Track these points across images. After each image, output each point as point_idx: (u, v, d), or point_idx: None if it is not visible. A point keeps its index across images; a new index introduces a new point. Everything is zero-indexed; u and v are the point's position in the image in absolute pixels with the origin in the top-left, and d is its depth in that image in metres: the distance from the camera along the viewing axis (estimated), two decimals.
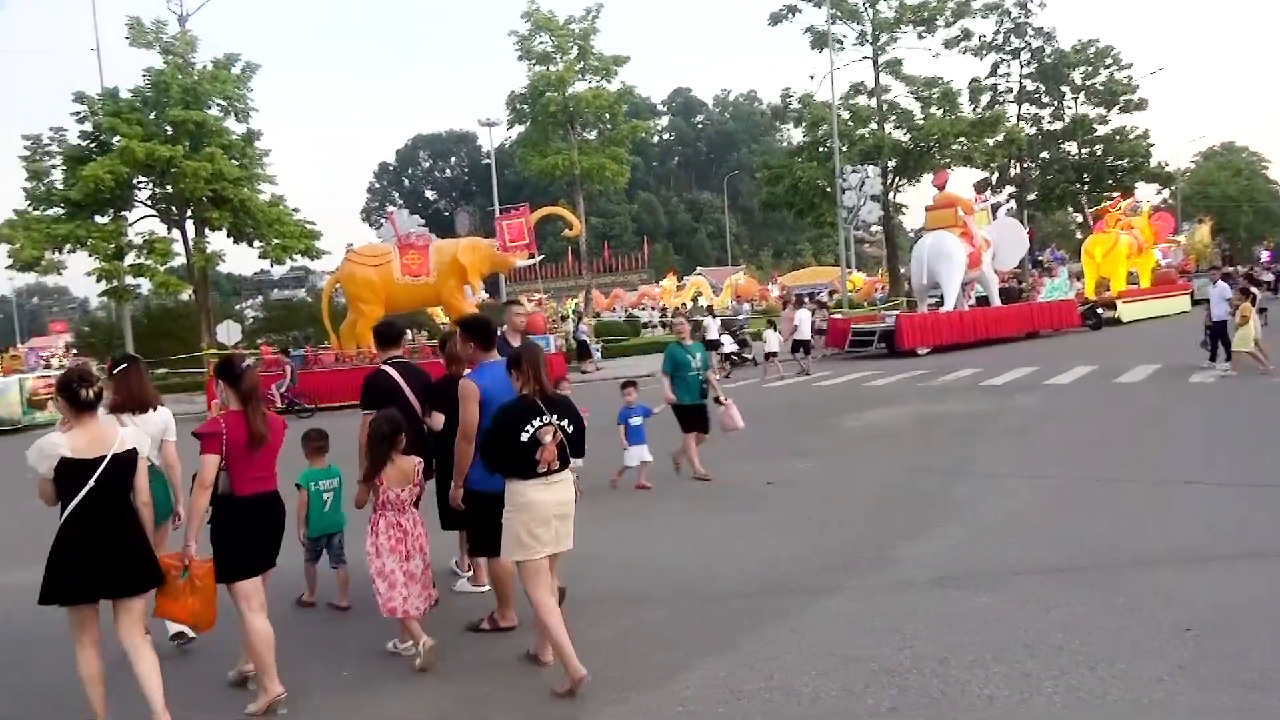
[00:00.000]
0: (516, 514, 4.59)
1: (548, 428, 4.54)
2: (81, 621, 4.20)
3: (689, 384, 9.38)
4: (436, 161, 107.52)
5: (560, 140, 34.71)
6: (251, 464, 4.54)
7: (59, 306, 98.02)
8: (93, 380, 4.29)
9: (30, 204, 30.65)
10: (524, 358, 4.72)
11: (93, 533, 4.13)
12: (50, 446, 4.11)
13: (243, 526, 4.53)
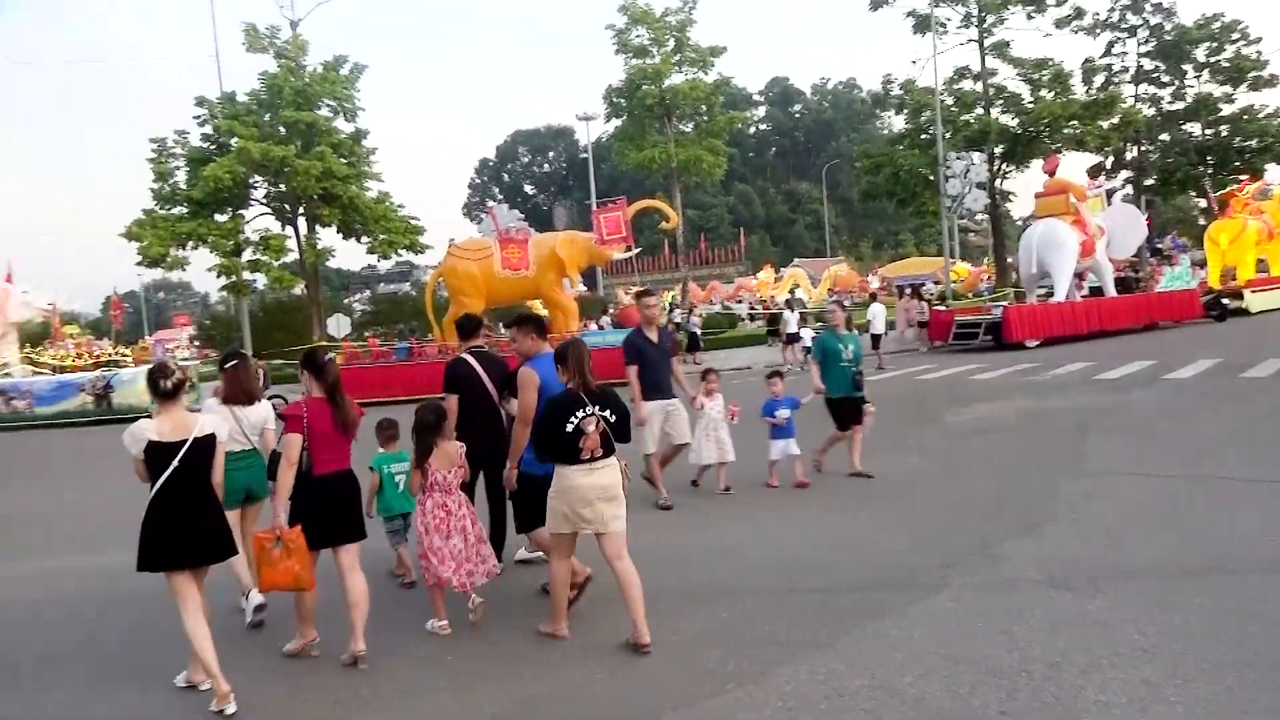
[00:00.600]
0: (560, 495, 4.99)
1: (590, 418, 4.92)
2: (178, 589, 4.60)
3: (840, 376, 8.97)
4: (535, 156, 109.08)
5: (657, 133, 34.76)
6: (329, 446, 4.99)
7: (182, 301, 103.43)
8: (171, 373, 4.71)
9: (156, 204, 32.39)
10: (569, 353, 5.12)
11: (176, 508, 4.56)
12: (140, 431, 4.57)
13: (319, 502, 4.96)
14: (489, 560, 5.56)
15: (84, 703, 4.89)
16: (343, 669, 4.92)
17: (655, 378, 8.25)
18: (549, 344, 5.99)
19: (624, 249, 24.70)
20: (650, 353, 8.27)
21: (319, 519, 4.95)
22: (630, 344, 8.48)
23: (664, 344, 8.47)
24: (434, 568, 5.33)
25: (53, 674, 5.28)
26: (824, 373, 9.04)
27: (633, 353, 8.32)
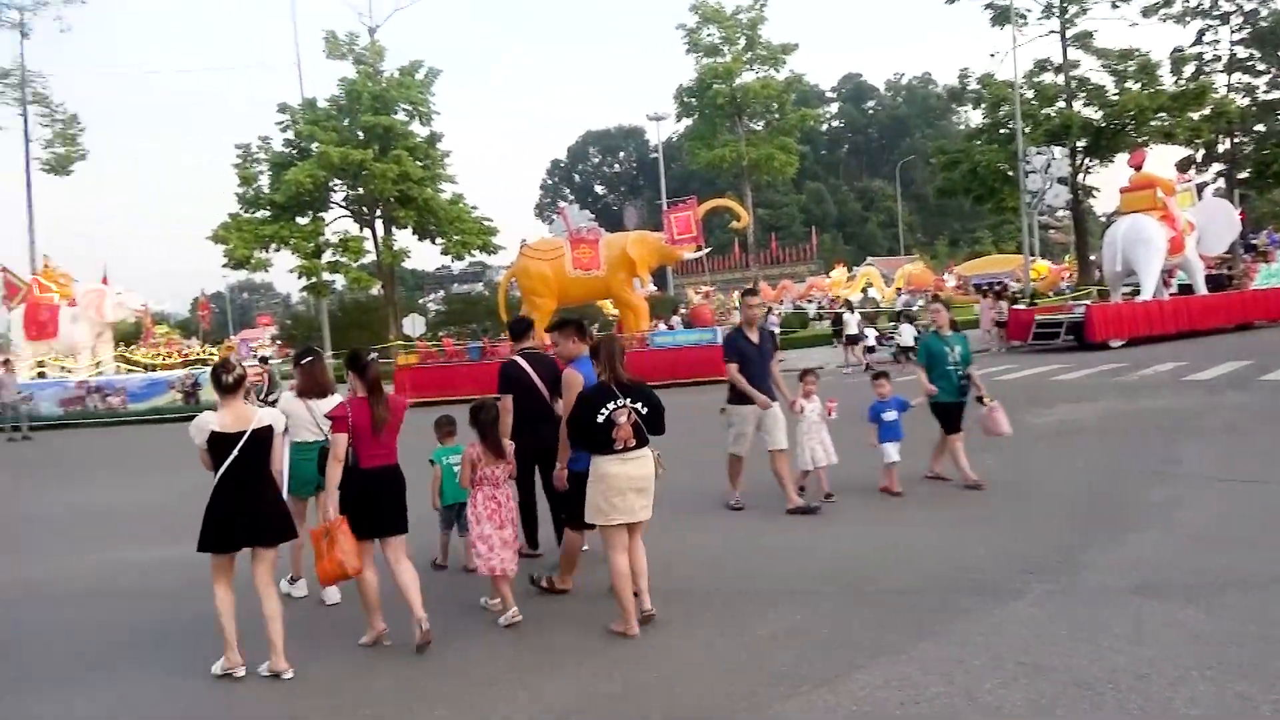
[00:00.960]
0: (596, 484, 5.27)
1: (622, 410, 5.17)
2: (220, 566, 5.02)
3: (946, 379, 8.52)
4: (606, 157, 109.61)
5: (728, 132, 34.65)
6: (373, 442, 5.24)
7: (265, 301, 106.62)
8: (232, 368, 5.09)
9: (241, 207, 33.51)
10: (601, 349, 5.44)
11: (237, 494, 4.92)
12: (203, 423, 4.98)
13: (364, 494, 5.22)
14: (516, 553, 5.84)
15: (170, 683, 5.08)
16: (412, 661, 5.02)
17: (755, 379, 8.01)
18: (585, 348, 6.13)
19: (694, 248, 24.67)
20: (750, 353, 8.07)
21: (364, 511, 5.20)
22: (730, 343, 8.33)
23: (765, 344, 8.23)
24: (486, 555, 5.56)
25: (137, 655, 5.50)
26: (930, 376, 8.61)
27: (733, 352, 8.18)
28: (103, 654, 5.66)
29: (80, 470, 15.56)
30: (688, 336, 23.06)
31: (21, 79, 39.71)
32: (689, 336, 23.03)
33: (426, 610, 5.18)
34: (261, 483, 5.03)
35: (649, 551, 5.50)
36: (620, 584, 5.23)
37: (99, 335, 26.41)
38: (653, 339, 23.01)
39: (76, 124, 41.40)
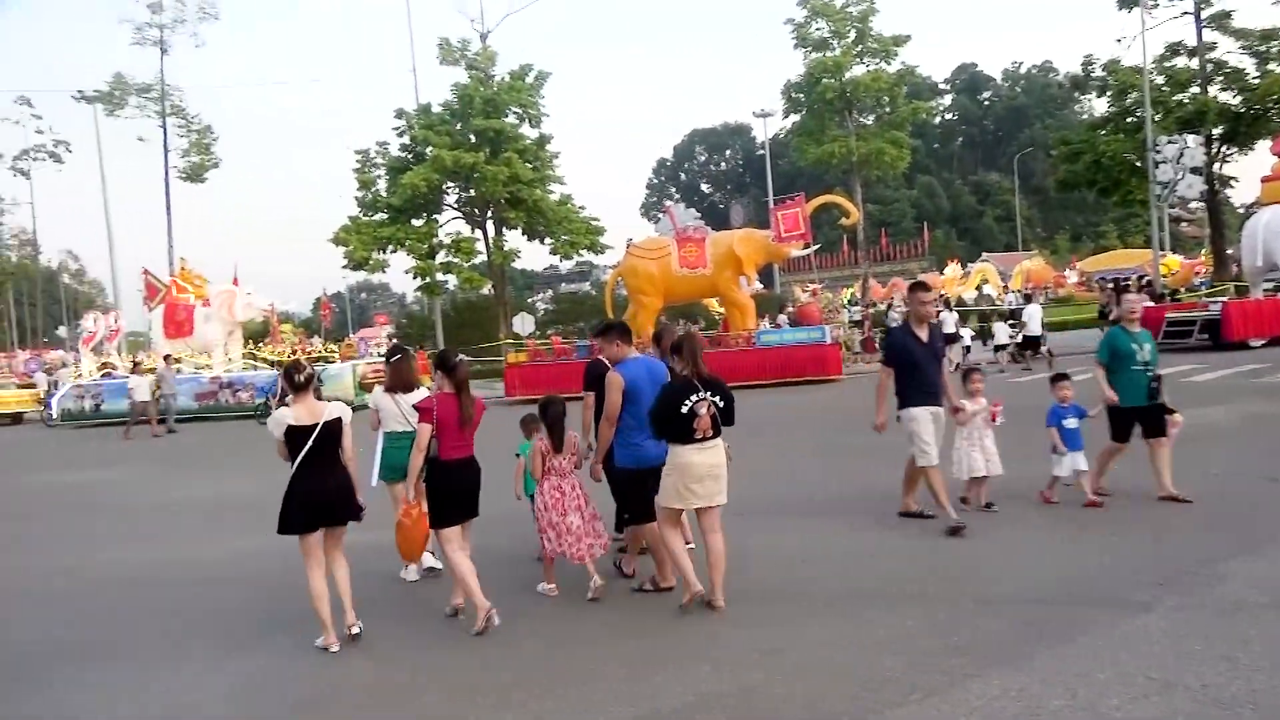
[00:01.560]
0: (675, 471, 5.58)
1: (702, 402, 5.50)
2: (309, 549, 5.45)
3: (1133, 381, 7.52)
4: (712, 155, 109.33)
5: (837, 127, 34.01)
6: (455, 436, 5.63)
7: (381, 301, 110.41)
8: (303, 369, 5.62)
9: (360, 210, 34.79)
10: (684, 346, 5.77)
11: (312, 480, 5.39)
12: (281, 417, 5.44)
13: (445, 484, 5.64)
14: (603, 536, 6.27)
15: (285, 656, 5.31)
16: (519, 652, 5.10)
17: (925, 381, 7.30)
18: (635, 349, 6.49)
19: (802, 246, 24.34)
20: (919, 352, 7.36)
21: (443, 498, 5.63)
22: (895, 343, 7.63)
23: (935, 343, 7.52)
24: (551, 541, 6.08)
25: (273, 629, 5.78)
26: (1112, 377, 7.62)
27: (897, 352, 7.47)
28: (247, 630, 5.96)
29: (221, 461, 16.48)
30: (795, 335, 22.77)
31: (161, 93, 42.29)
32: (796, 335, 22.73)
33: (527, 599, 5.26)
34: (333, 469, 5.52)
35: (754, 548, 5.45)
36: (681, 559, 5.61)
37: (230, 334, 27.81)
38: (759, 337, 22.82)
39: (210, 134, 43.88)
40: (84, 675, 5.41)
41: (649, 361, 6.39)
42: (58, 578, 8.02)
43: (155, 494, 12.73)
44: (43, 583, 7.89)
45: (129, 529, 10.19)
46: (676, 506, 5.66)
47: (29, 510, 12.13)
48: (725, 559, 5.64)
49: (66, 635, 6.26)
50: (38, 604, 7.21)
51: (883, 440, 7.82)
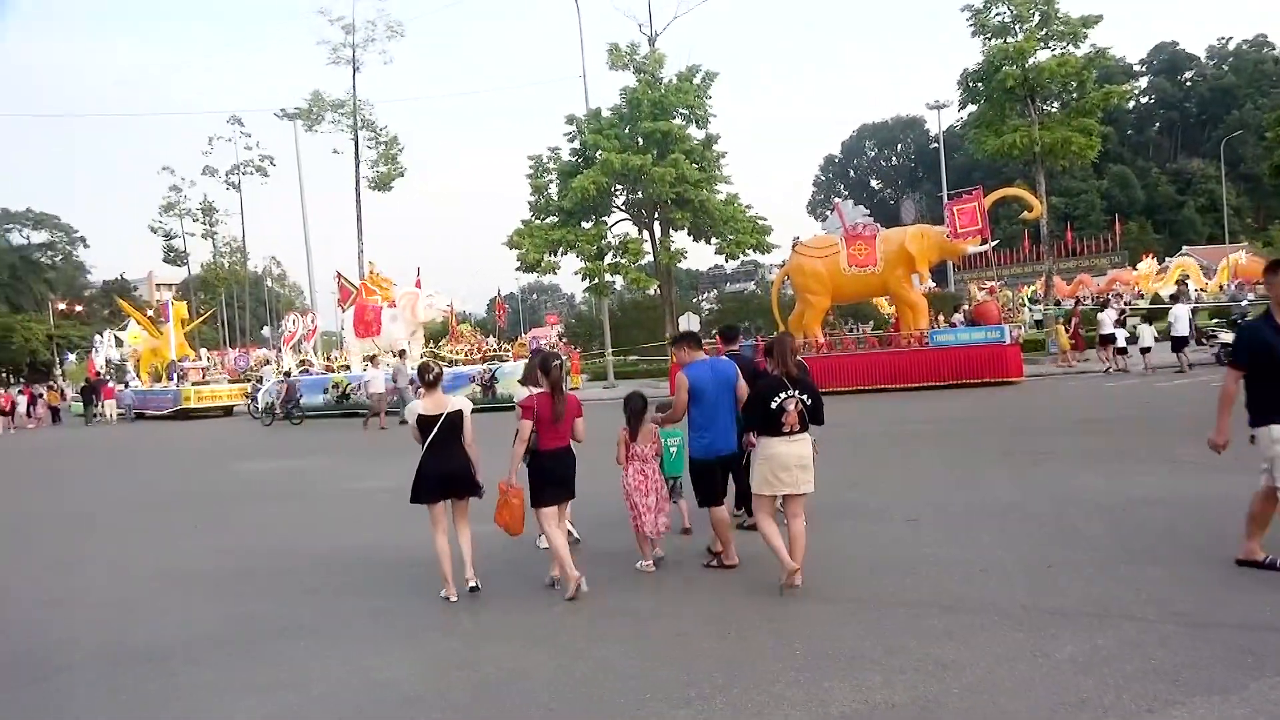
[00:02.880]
0: (765, 461, 6.16)
1: (790, 399, 6.06)
2: (435, 517, 6.62)
3: None
4: (882, 150, 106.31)
5: (1018, 116, 32.30)
6: (551, 429, 6.45)
7: (551, 302, 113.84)
8: (432, 369, 6.80)
9: (533, 214, 35.95)
10: (775, 348, 6.33)
11: (436, 460, 6.53)
12: (413, 408, 6.73)
13: (542, 470, 6.48)
14: (670, 517, 7.25)
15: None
16: (689, 645, 5.12)
17: None
18: (704, 353, 7.12)
19: (979, 242, 23.28)
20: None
21: (541, 482, 6.49)
22: (1252, 339, 5.93)
23: None
24: (639, 519, 6.89)
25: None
26: None
27: (1255, 351, 5.85)
28: (439, 612, 6.30)
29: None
30: (971, 335, 21.80)
31: (354, 108, 45.18)
32: (973, 335, 21.76)
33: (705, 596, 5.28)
34: (455, 451, 6.58)
35: (930, 556, 5.23)
36: (774, 540, 6.10)
37: (413, 333, 29.39)
38: (932, 337, 22.00)
39: (396, 145, 46.51)
40: (288, 650, 5.85)
41: (713, 362, 7.00)
42: (261, 558, 8.72)
43: (355, 480, 13.59)
44: (248, 562, 8.60)
45: (329, 513, 10.94)
46: (766, 493, 6.23)
47: (238, 494, 13.24)
48: (804, 544, 6.18)
49: (273, 611, 6.79)
50: (243, 582, 7.85)
51: (1070, 445, 7.41)
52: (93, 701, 5.19)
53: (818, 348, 22.99)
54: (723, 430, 6.73)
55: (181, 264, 66.81)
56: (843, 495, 9.37)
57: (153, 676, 5.49)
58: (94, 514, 12.39)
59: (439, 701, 4.74)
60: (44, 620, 7.03)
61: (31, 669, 5.82)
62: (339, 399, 28.91)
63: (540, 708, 4.56)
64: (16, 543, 10.62)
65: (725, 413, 6.76)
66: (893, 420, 16.09)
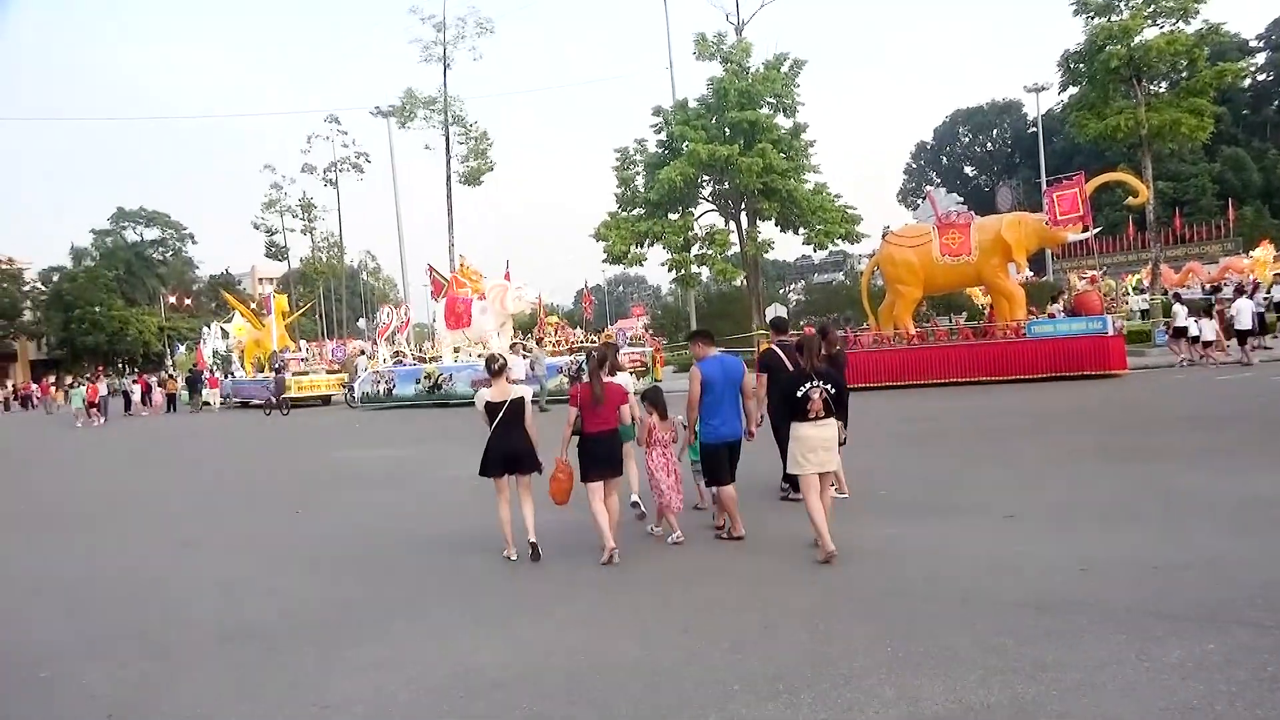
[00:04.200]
0: (795, 443, 6.97)
1: (815, 389, 6.86)
2: (499, 487, 7.68)
3: None
4: (977, 136, 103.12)
5: (1123, 97, 30.97)
6: (594, 414, 7.38)
7: (637, 293, 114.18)
8: (498, 360, 7.91)
9: (619, 207, 36.10)
10: (804, 346, 7.27)
11: (501, 441, 7.53)
12: (481, 396, 7.77)
13: (586, 450, 7.40)
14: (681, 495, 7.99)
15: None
16: (783, 644, 5.09)
17: None
18: (716, 349, 7.96)
19: (1081, 229, 22.41)
20: None
21: (586, 460, 7.39)
22: None
23: None
24: (663, 496, 7.75)
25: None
26: None
27: None
28: (532, 598, 6.43)
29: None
30: (1071, 326, 21.03)
31: (445, 105, 46.09)
32: (1073, 326, 20.99)
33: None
34: (517, 433, 7.52)
35: (1028, 553, 5.06)
36: (817, 519, 6.80)
37: (502, 325, 29.86)
38: (1030, 328, 21.31)
39: (486, 140, 47.28)
40: (385, 631, 6.04)
41: (723, 359, 7.85)
42: (359, 542, 9.01)
43: (449, 468, 13.89)
44: (347, 546, 8.90)
45: (425, 500, 11.23)
46: (799, 472, 6.98)
47: (337, 481, 13.69)
48: (832, 513, 7.09)
49: (371, 593, 7.02)
50: (343, 565, 8.13)
51: (1178, 441, 7.13)
52: (208, 676, 5.45)
53: (909, 339, 22.51)
54: (729, 418, 7.66)
55: (282, 259, 69.37)
56: (936, 490, 9.18)
57: (260, 653, 5.74)
58: (206, 498, 13.00)
59: (529, 687, 4.83)
60: (163, 597, 7.41)
61: (152, 643, 6.15)
62: (430, 389, 29.58)
63: (628, 698, 4.59)
64: (143, 523, 11.21)
65: (731, 403, 7.72)
66: (988, 413, 15.66)
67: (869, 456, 11.87)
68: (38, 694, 5.40)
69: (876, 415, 16.98)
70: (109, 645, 6.18)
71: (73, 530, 10.99)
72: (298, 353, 42.20)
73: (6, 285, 71.49)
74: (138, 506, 12.70)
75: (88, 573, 8.55)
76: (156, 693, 5.24)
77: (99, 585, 8.00)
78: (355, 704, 4.81)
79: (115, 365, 70.12)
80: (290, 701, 4.93)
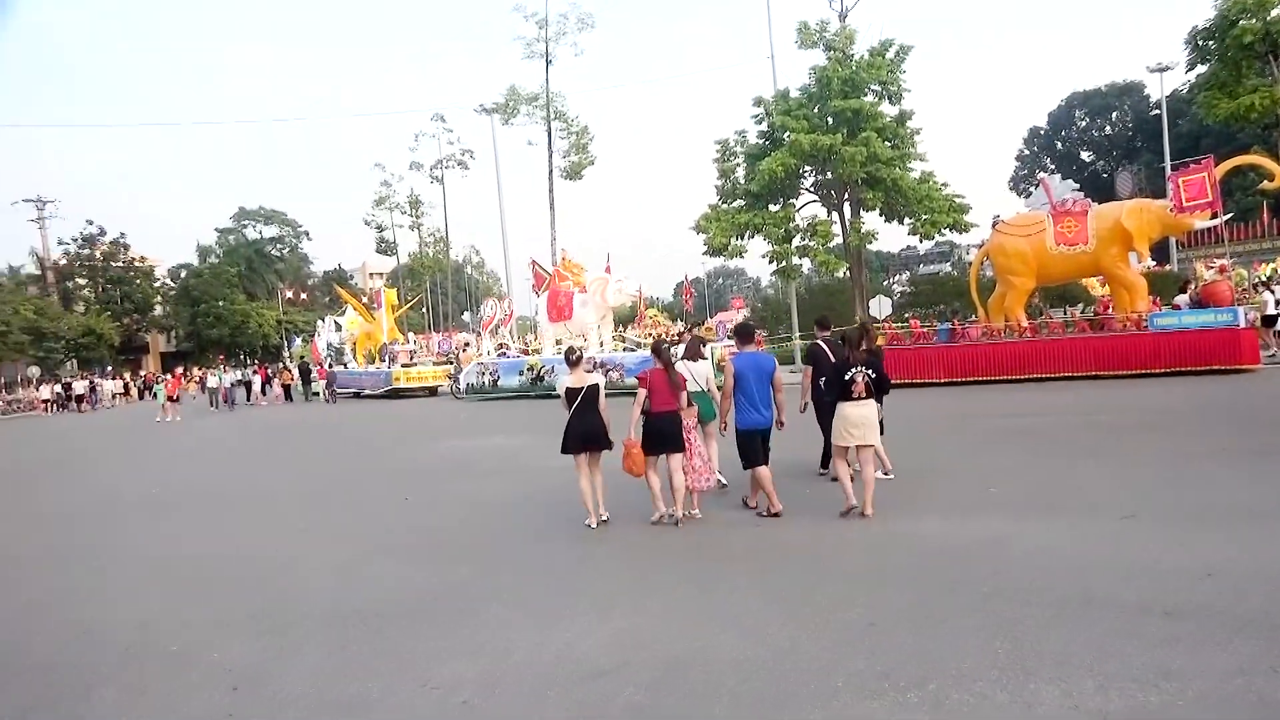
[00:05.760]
0: (839, 420, 8.23)
1: (859, 373, 8.11)
2: (579, 464, 8.64)
3: None
4: (1094, 119, 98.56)
5: (1256, 75, 29.16)
6: (660, 396, 8.34)
7: (737, 285, 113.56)
8: (575, 352, 9.03)
9: (720, 199, 35.91)
10: (846, 339, 8.72)
11: (579, 422, 8.51)
12: (562, 383, 8.79)
13: (651, 428, 8.38)
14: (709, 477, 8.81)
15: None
16: (890, 642, 4.99)
17: None
18: (754, 346, 8.88)
19: (1209, 216, 21.17)
20: None
21: (654, 437, 8.38)
22: None
23: None
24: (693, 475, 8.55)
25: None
26: None
27: None
28: (628, 588, 6.49)
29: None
30: (1198, 318, 19.92)
31: (547, 100, 46.71)
32: (1200, 318, 19.87)
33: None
34: (593, 415, 8.48)
35: (1151, 557, 4.81)
36: (844, 480, 8.21)
37: (603, 317, 30.12)
38: (1152, 320, 20.28)
39: (587, 134, 47.73)
40: (491, 616, 6.18)
41: (757, 355, 8.68)
42: (466, 530, 9.25)
43: (554, 458, 14.11)
44: (454, 533, 9.14)
45: (531, 489, 11.43)
46: (841, 444, 8.22)
47: (445, 470, 14.06)
48: (872, 487, 8.10)
49: (477, 580, 7.20)
50: (450, 552, 8.36)
51: None
52: (322, 654, 5.68)
53: (1020, 332, 21.72)
54: (761, 408, 8.43)
55: (391, 254, 71.63)
56: (1048, 488, 8.85)
57: (369, 637, 5.95)
58: (320, 486, 13.54)
59: (628, 676, 4.87)
60: (280, 579, 7.77)
61: (272, 623, 6.45)
62: (534, 380, 30.08)
63: (726, 691, 4.58)
64: (261, 509, 11.77)
65: (763, 395, 8.46)
66: (1105, 409, 14.99)
67: (977, 453, 11.52)
68: (169, 666, 5.73)
69: (985, 409, 16.46)
70: (231, 623, 6.50)
71: (196, 514, 11.61)
72: (406, 345, 43.49)
73: (140, 282, 75.81)
74: (256, 493, 13.32)
75: (211, 555, 9.02)
76: (277, 668, 5.49)
77: (222, 567, 8.42)
78: (462, 687, 4.94)
79: (237, 357, 73.69)
80: (399, 682, 5.10)
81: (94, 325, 63.91)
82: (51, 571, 8.84)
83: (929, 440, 13.06)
